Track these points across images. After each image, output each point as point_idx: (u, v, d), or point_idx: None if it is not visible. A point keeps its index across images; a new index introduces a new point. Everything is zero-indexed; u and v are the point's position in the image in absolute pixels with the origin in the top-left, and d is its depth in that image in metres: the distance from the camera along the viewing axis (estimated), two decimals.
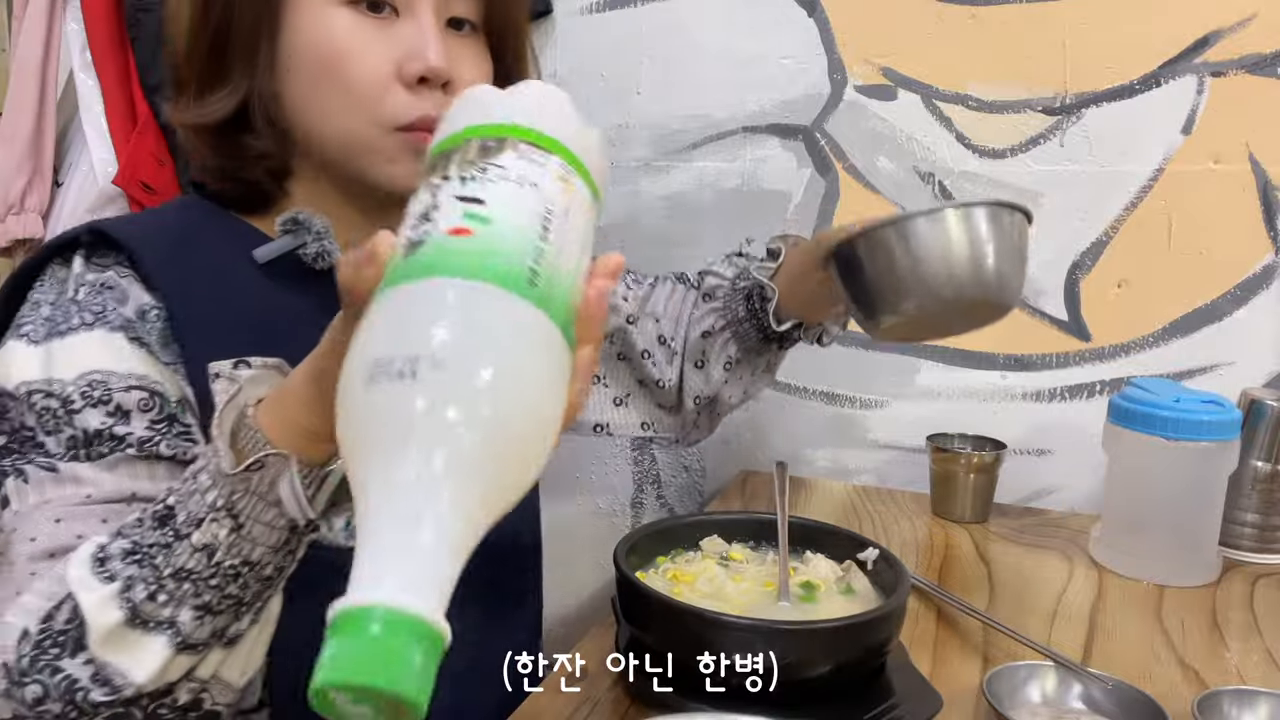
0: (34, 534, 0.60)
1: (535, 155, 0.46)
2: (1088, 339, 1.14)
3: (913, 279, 0.69)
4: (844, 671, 0.65)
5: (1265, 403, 0.97)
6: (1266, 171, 1.06)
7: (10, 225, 1.27)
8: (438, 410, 0.36)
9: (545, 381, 0.40)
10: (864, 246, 0.71)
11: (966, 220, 0.68)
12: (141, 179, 1.25)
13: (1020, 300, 0.70)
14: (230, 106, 0.70)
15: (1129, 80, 1.09)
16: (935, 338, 1.03)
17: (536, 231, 0.43)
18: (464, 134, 0.47)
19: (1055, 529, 1.06)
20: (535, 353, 0.40)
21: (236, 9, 0.68)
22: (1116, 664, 0.74)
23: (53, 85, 1.31)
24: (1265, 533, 0.98)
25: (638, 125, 1.27)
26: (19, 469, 0.62)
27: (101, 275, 0.67)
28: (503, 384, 0.38)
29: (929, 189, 1.17)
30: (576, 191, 0.47)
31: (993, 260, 0.69)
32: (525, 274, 0.41)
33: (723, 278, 0.93)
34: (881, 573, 0.73)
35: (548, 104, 0.49)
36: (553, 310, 0.41)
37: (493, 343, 0.39)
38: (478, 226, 0.42)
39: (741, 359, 0.91)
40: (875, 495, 1.15)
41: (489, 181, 0.44)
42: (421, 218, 0.43)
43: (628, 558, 0.71)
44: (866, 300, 0.73)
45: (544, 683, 0.71)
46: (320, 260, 0.72)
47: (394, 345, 0.38)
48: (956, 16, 1.14)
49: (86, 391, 0.63)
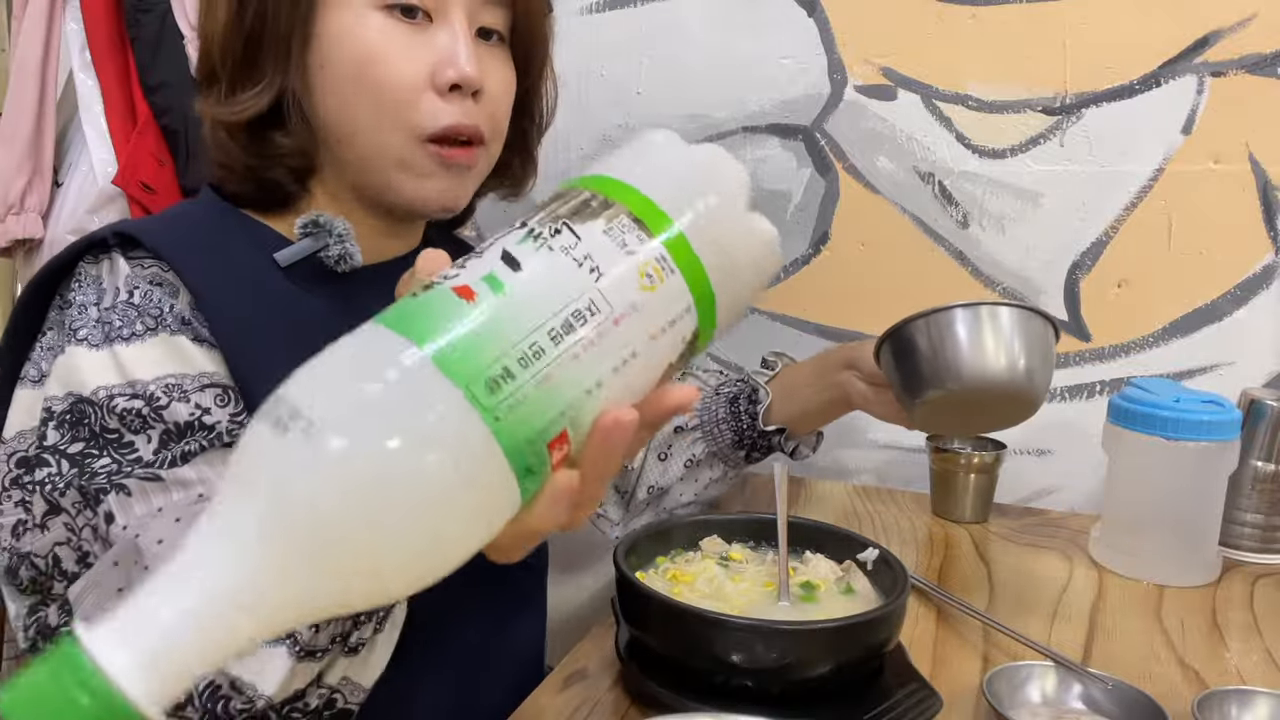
0: (160, 536, 0.60)
1: (631, 235, 0.38)
2: (1088, 339, 1.14)
3: (958, 361, 0.76)
4: (844, 671, 0.65)
5: (1265, 403, 0.97)
6: (1266, 171, 1.06)
7: (10, 225, 1.27)
8: (279, 478, 0.32)
9: (437, 498, 0.33)
10: (924, 329, 0.78)
11: (1011, 318, 0.76)
12: (141, 179, 1.25)
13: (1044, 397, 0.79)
14: (263, 104, 0.69)
15: (1129, 80, 1.09)
16: (965, 432, 1.06)
17: (550, 328, 0.36)
18: (589, 180, 0.40)
19: (1055, 529, 1.06)
20: (440, 469, 0.33)
21: (270, 7, 0.68)
22: (1116, 664, 0.74)
23: (53, 85, 1.31)
24: (1266, 533, 0.98)
25: (638, 125, 1.27)
26: (119, 484, 0.61)
27: (147, 271, 0.66)
28: (368, 485, 0.32)
29: (929, 189, 1.17)
30: (663, 294, 0.38)
31: (1026, 355, 0.76)
32: (491, 373, 0.34)
33: (705, 384, 0.97)
34: (881, 573, 0.73)
35: (706, 182, 0.41)
36: (508, 423, 0.34)
37: (385, 433, 0.32)
38: (486, 295, 0.36)
39: (703, 461, 0.95)
40: (875, 495, 1.15)
41: (546, 247, 0.37)
42: (467, 258, 0.38)
43: (627, 558, 0.71)
44: (916, 376, 0.79)
45: (544, 683, 0.71)
46: (342, 263, 0.72)
47: (298, 387, 0.34)
48: (956, 16, 1.14)
49: (168, 390, 0.63)
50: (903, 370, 0.80)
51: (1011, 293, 1.16)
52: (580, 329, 0.36)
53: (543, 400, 0.35)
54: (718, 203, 0.40)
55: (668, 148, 0.42)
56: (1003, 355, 0.75)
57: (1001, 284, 1.16)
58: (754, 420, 0.92)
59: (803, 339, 1.24)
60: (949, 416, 0.83)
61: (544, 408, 0.35)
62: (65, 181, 1.31)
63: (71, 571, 0.63)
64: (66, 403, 0.63)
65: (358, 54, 0.68)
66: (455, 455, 0.33)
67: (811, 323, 1.24)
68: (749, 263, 0.41)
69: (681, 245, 0.38)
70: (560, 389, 0.36)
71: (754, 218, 0.42)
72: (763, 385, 0.93)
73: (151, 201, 1.25)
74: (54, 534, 0.63)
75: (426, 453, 0.33)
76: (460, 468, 0.33)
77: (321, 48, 0.69)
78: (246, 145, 0.71)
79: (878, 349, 0.82)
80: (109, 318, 0.64)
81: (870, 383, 0.88)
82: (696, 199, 0.40)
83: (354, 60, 0.68)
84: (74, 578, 0.63)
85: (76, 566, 0.63)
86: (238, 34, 0.69)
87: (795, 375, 0.94)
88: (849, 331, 1.23)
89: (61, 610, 0.63)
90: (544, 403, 0.35)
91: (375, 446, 0.32)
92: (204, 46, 0.72)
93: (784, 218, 1.24)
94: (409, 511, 0.33)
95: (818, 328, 1.24)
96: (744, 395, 0.94)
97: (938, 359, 0.76)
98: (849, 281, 1.22)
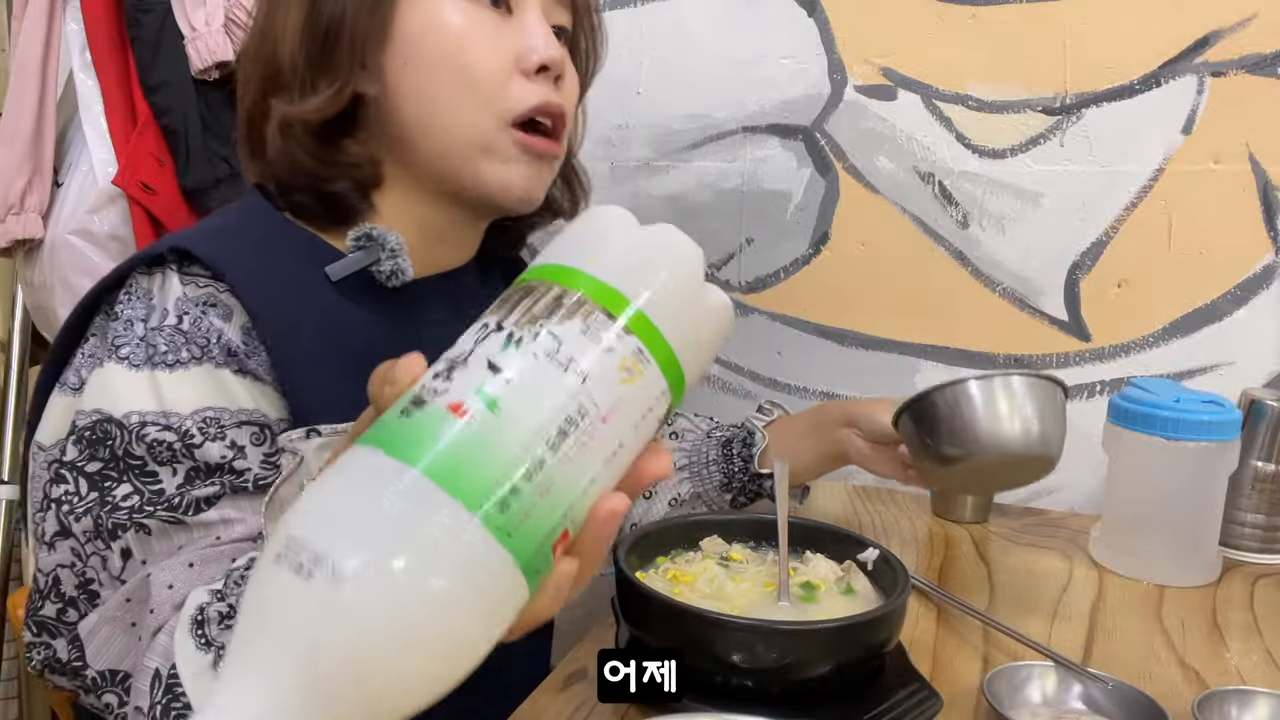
0: (171, 580, 0.61)
1: (609, 334, 0.39)
2: (1088, 339, 1.14)
3: (980, 432, 0.79)
4: (844, 671, 0.65)
5: (1265, 403, 0.97)
6: (1266, 171, 1.06)
7: (10, 225, 1.27)
8: (310, 624, 0.32)
9: (462, 622, 0.34)
10: (941, 400, 0.81)
11: (1028, 388, 0.80)
12: (141, 179, 1.25)
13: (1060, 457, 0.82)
14: (337, 106, 0.69)
15: (1129, 80, 1.09)
16: (983, 492, 1.07)
17: (548, 438, 0.36)
18: (554, 271, 0.41)
19: (1055, 529, 1.06)
20: (463, 594, 0.34)
21: (347, 12, 0.68)
22: (1116, 664, 0.74)
23: (53, 85, 1.30)
24: (1266, 533, 0.98)
25: (638, 125, 1.27)
26: (140, 523, 0.61)
27: (201, 291, 0.66)
28: (401, 625, 0.33)
29: (929, 189, 1.17)
30: (642, 385, 0.39)
31: (1040, 422, 0.80)
32: (501, 495, 0.35)
33: (696, 428, 0.99)
34: (881, 573, 0.73)
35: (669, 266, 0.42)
36: (520, 538, 0.35)
37: (411, 577, 0.33)
38: (480, 411, 0.36)
39: (687, 501, 0.96)
40: (875, 495, 1.15)
41: (529, 352, 0.38)
42: (450, 365, 0.38)
43: (628, 558, 0.71)
44: (942, 446, 0.81)
45: (544, 683, 0.71)
46: (394, 278, 0.72)
47: (312, 526, 0.34)
48: (956, 16, 1.14)
49: (203, 427, 0.63)
50: (927, 439, 0.82)
51: (1012, 293, 1.16)
52: (573, 434, 0.37)
53: (547, 508, 0.36)
54: (679, 284, 0.42)
55: (626, 232, 0.43)
56: (1018, 422, 0.79)
57: (1001, 284, 1.16)
58: (747, 463, 0.93)
59: (803, 339, 1.25)
60: (970, 480, 0.89)
61: (549, 514, 0.37)
62: (65, 181, 1.31)
63: (69, 595, 0.63)
64: (92, 419, 0.62)
65: (445, 43, 0.69)
66: (479, 581, 0.35)
67: (811, 323, 1.24)
68: (710, 334, 0.43)
69: (655, 336, 0.40)
70: (561, 494, 0.37)
71: (710, 289, 0.43)
72: (760, 429, 0.94)
73: (151, 201, 1.25)
74: (59, 555, 0.63)
75: (451, 582, 0.34)
76: (484, 591, 0.35)
77: (405, 44, 0.69)
78: (316, 151, 0.70)
79: (897, 417, 0.84)
80: (154, 339, 0.64)
81: (870, 440, 0.89)
82: (661, 285, 0.41)
83: (441, 49, 0.69)
84: (70, 602, 0.63)
85: (75, 591, 0.63)
86: (312, 34, 0.69)
87: (790, 427, 0.94)
88: (849, 331, 1.23)
89: (72, 645, 0.63)
90: (548, 510, 0.37)
91: (409, 590, 0.33)
92: (268, 46, 0.71)
93: (784, 218, 1.24)
94: (438, 641, 0.34)
95: (818, 328, 1.24)
96: (738, 439, 0.95)
97: (966, 430, 0.80)
98: (849, 281, 1.22)
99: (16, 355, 1.47)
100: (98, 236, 1.28)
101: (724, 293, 0.45)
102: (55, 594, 0.63)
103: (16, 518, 1.45)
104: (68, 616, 0.64)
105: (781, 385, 1.26)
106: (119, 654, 0.62)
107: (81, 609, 0.64)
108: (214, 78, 1.24)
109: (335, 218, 0.73)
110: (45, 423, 0.68)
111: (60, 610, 0.64)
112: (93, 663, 0.62)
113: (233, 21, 1.22)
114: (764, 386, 1.27)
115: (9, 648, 1.49)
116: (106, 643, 0.62)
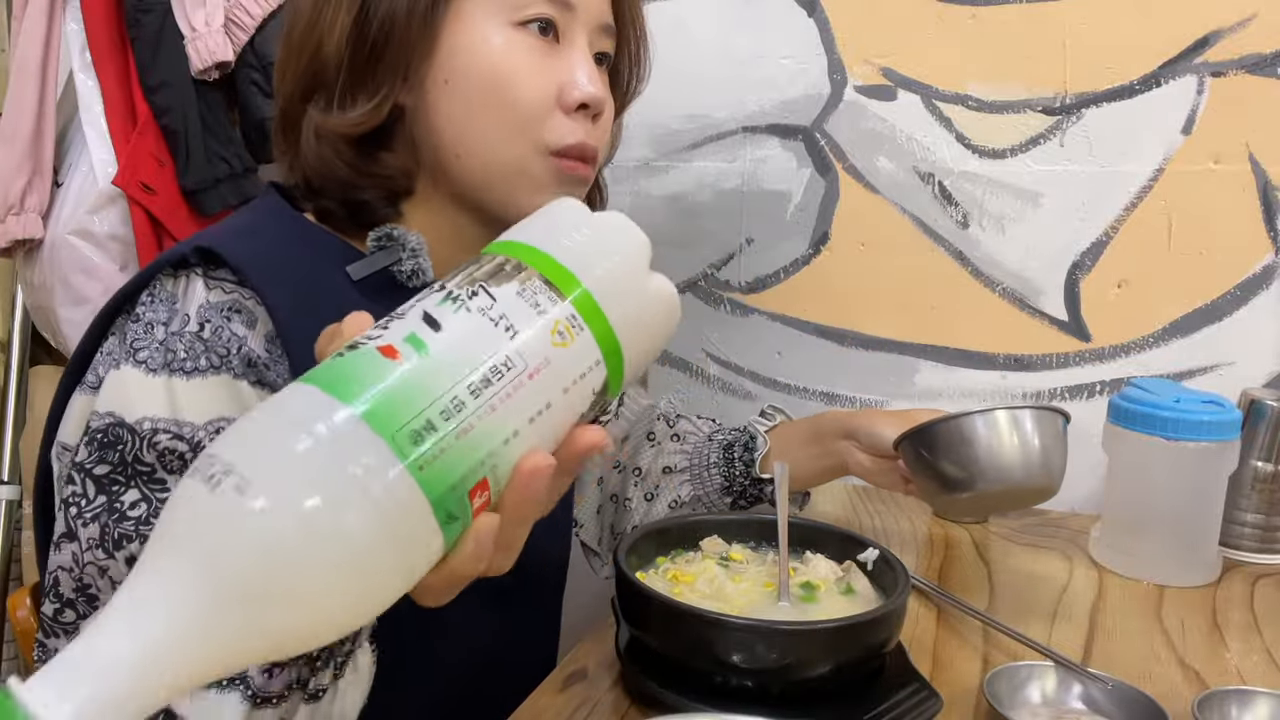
0: None
1: (543, 296, 0.41)
2: (1088, 339, 1.14)
3: (983, 464, 0.80)
4: (844, 671, 0.65)
5: (1265, 403, 0.97)
6: (1266, 171, 1.06)
7: (10, 225, 1.27)
8: (211, 532, 0.33)
9: (364, 549, 0.35)
10: (944, 433, 0.81)
11: (1032, 420, 0.80)
12: (141, 179, 1.25)
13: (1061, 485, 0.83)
14: (377, 119, 0.69)
15: (1129, 80, 1.09)
16: (984, 515, 1.07)
17: (470, 383, 0.38)
18: (503, 246, 0.43)
19: (1055, 529, 1.06)
20: (367, 520, 0.35)
21: (397, 20, 0.67)
22: (1116, 664, 0.74)
23: (53, 85, 1.30)
24: (1266, 533, 0.98)
25: (638, 125, 1.27)
26: (146, 537, 0.60)
27: (226, 298, 0.65)
28: (300, 536, 0.33)
29: (929, 189, 1.17)
30: (574, 350, 0.41)
31: (1042, 453, 0.80)
32: (415, 426, 0.36)
33: (698, 430, 0.99)
34: (881, 573, 0.73)
35: (611, 247, 0.44)
36: (431, 473, 0.36)
37: (315, 488, 0.34)
38: (410, 354, 0.38)
39: (688, 504, 0.97)
40: (875, 495, 1.15)
41: (464, 309, 0.40)
42: (389, 319, 0.40)
43: (628, 558, 0.71)
44: (937, 476, 0.82)
45: (544, 683, 0.71)
46: (415, 278, 0.71)
47: (231, 445, 0.35)
48: (956, 16, 1.14)
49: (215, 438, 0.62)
50: (928, 469, 0.83)
51: (1012, 293, 1.16)
52: (497, 383, 0.39)
53: (463, 450, 0.37)
54: (621, 264, 0.44)
55: (574, 215, 0.45)
56: (1020, 456, 0.80)
57: (1001, 284, 1.16)
58: (748, 467, 0.93)
59: (803, 339, 1.25)
60: (972, 505, 0.91)
61: (464, 457, 0.37)
62: (65, 181, 1.31)
63: (67, 597, 0.63)
64: (105, 422, 0.62)
65: (490, 69, 0.68)
66: (381, 505, 0.35)
67: (811, 323, 1.24)
68: (652, 319, 0.45)
69: (589, 304, 0.42)
70: (480, 439, 0.38)
71: (656, 277, 0.45)
72: (762, 434, 0.94)
73: (151, 202, 1.25)
74: (62, 557, 0.63)
75: (355, 504, 0.35)
76: (387, 517, 0.35)
77: (448, 61, 0.68)
78: (352, 161, 0.70)
79: (897, 444, 0.84)
80: (174, 345, 0.63)
81: (869, 453, 0.89)
82: (602, 261, 0.43)
83: (485, 75, 0.68)
84: (68, 603, 0.63)
85: (73, 594, 0.63)
86: (359, 42, 0.68)
87: (790, 434, 0.94)
88: (849, 331, 1.23)
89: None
90: (464, 453, 0.37)
91: (306, 500, 0.34)
92: (313, 40, 0.69)
93: (784, 218, 1.24)
94: (340, 562, 0.34)
95: (818, 328, 1.24)
96: (739, 443, 0.95)
97: (969, 463, 0.80)
98: (849, 281, 1.22)
99: (16, 355, 1.47)
100: (98, 236, 1.28)
101: (670, 283, 0.46)
102: (54, 594, 0.64)
103: (16, 518, 1.45)
104: (64, 617, 0.64)
105: (781, 385, 1.26)
106: None
107: (80, 610, 0.64)
108: (214, 78, 1.24)
109: (359, 222, 0.73)
110: (67, 423, 0.67)
111: (58, 610, 0.64)
112: None
113: (233, 22, 1.22)
114: (764, 387, 1.27)
115: (9, 648, 1.49)
116: None
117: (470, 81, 0.68)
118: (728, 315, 1.28)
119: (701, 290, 1.28)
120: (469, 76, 0.68)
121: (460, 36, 0.68)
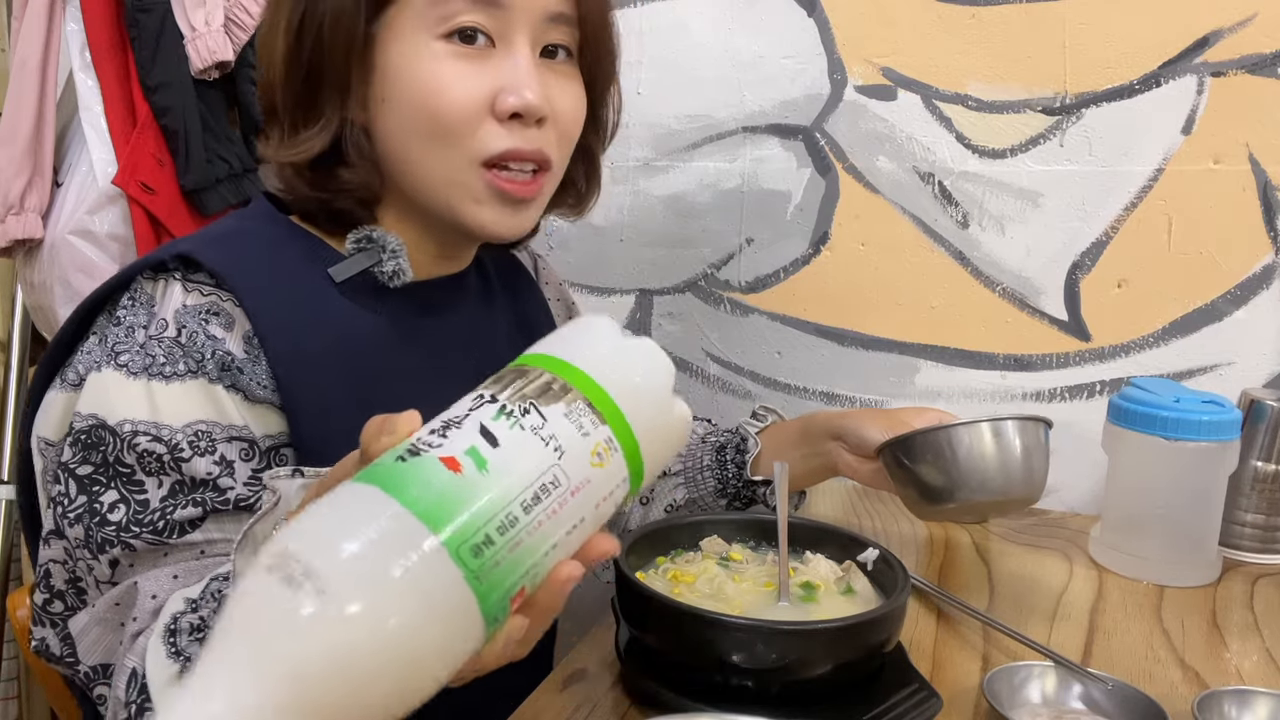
0: (155, 590, 0.62)
1: (587, 420, 0.44)
2: (1088, 339, 1.14)
3: (963, 475, 0.81)
4: (844, 671, 0.65)
5: (1265, 403, 0.97)
6: (1266, 171, 1.06)
7: (10, 225, 1.27)
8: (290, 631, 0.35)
9: (422, 653, 0.38)
10: (924, 443, 0.82)
11: (1014, 431, 0.81)
12: (141, 179, 1.25)
13: (1042, 493, 0.84)
14: (324, 142, 0.70)
15: (1129, 80, 1.09)
16: (965, 521, 1.07)
17: (523, 500, 0.41)
18: (546, 360, 0.46)
19: (1055, 529, 1.06)
20: (432, 625, 0.38)
21: (328, 42, 0.68)
22: (1116, 664, 0.74)
23: (52, 85, 1.30)
24: (1266, 533, 0.98)
25: (638, 125, 1.27)
26: (126, 543, 0.62)
27: (203, 300, 0.66)
28: (375, 642, 0.36)
29: (929, 189, 1.17)
30: (608, 470, 0.45)
31: (1024, 464, 0.81)
32: (476, 540, 0.39)
33: (691, 433, 0.97)
34: (881, 573, 0.73)
35: (645, 373, 0.48)
36: (487, 584, 0.39)
37: (389, 598, 0.36)
38: (471, 468, 0.40)
39: (683, 507, 0.97)
40: (875, 495, 1.15)
41: (519, 426, 0.43)
42: (445, 425, 0.42)
43: (628, 558, 0.71)
44: (917, 486, 0.83)
45: (544, 683, 0.71)
46: (395, 278, 0.72)
47: (307, 544, 0.37)
48: (956, 16, 1.14)
49: (194, 441, 0.64)
50: (909, 478, 0.84)
51: (1012, 293, 1.16)
52: (545, 500, 0.42)
53: (514, 562, 0.41)
54: (654, 395, 0.48)
55: (612, 338, 0.49)
56: (1000, 467, 0.81)
57: (1001, 284, 1.16)
58: (740, 469, 0.93)
59: (803, 339, 1.25)
60: (954, 514, 0.92)
61: (514, 568, 0.41)
62: (65, 181, 1.31)
63: (57, 589, 0.65)
64: (88, 423, 0.64)
65: (418, 85, 0.68)
66: (447, 620, 0.38)
67: (811, 323, 1.24)
68: (671, 440, 0.49)
69: (624, 429, 0.45)
70: (527, 552, 0.41)
71: (677, 401, 0.49)
72: (753, 435, 0.94)
73: (151, 201, 1.25)
74: (53, 551, 0.65)
75: (425, 620, 0.37)
76: (448, 628, 0.39)
77: (382, 81, 0.69)
78: (312, 181, 0.71)
79: (879, 452, 0.85)
80: (152, 349, 0.64)
81: (857, 454, 0.89)
82: (638, 390, 0.47)
83: (414, 91, 0.68)
84: (58, 595, 0.65)
85: (64, 586, 0.65)
86: (296, 68, 0.69)
87: (781, 435, 0.94)
88: (849, 331, 1.23)
89: (64, 642, 0.65)
90: (515, 564, 0.41)
91: (386, 611, 0.36)
92: (263, 82, 0.72)
93: (784, 218, 1.24)
94: (405, 673, 0.37)
95: (817, 328, 1.24)
96: (732, 445, 0.95)
97: (949, 474, 0.81)
98: (849, 281, 1.22)
99: (16, 355, 1.47)
100: (98, 236, 1.28)
101: (688, 407, 0.49)
102: (45, 585, 0.66)
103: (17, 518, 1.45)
104: (53, 608, 0.66)
105: (781, 385, 1.26)
106: (109, 650, 0.64)
107: (69, 602, 0.66)
108: (214, 78, 1.24)
109: (340, 224, 0.74)
110: (44, 416, 0.69)
111: (47, 600, 0.66)
112: (84, 659, 0.64)
113: (233, 21, 1.22)
114: (764, 387, 1.27)
115: (9, 647, 1.49)
116: (97, 641, 0.64)
117: (402, 98, 0.69)
118: (728, 315, 1.28)
119: (701, 290, 1.29)
120: (400, 94, 0.69)
121: (392, 56, 0.69)
